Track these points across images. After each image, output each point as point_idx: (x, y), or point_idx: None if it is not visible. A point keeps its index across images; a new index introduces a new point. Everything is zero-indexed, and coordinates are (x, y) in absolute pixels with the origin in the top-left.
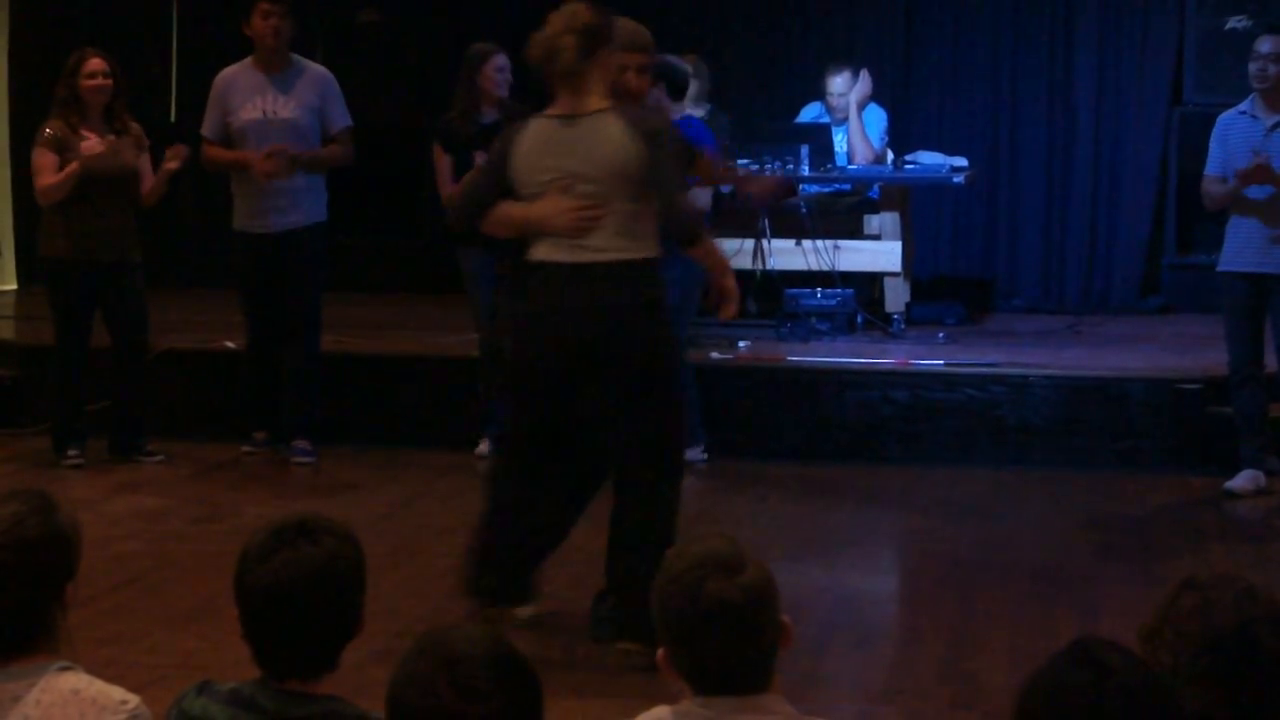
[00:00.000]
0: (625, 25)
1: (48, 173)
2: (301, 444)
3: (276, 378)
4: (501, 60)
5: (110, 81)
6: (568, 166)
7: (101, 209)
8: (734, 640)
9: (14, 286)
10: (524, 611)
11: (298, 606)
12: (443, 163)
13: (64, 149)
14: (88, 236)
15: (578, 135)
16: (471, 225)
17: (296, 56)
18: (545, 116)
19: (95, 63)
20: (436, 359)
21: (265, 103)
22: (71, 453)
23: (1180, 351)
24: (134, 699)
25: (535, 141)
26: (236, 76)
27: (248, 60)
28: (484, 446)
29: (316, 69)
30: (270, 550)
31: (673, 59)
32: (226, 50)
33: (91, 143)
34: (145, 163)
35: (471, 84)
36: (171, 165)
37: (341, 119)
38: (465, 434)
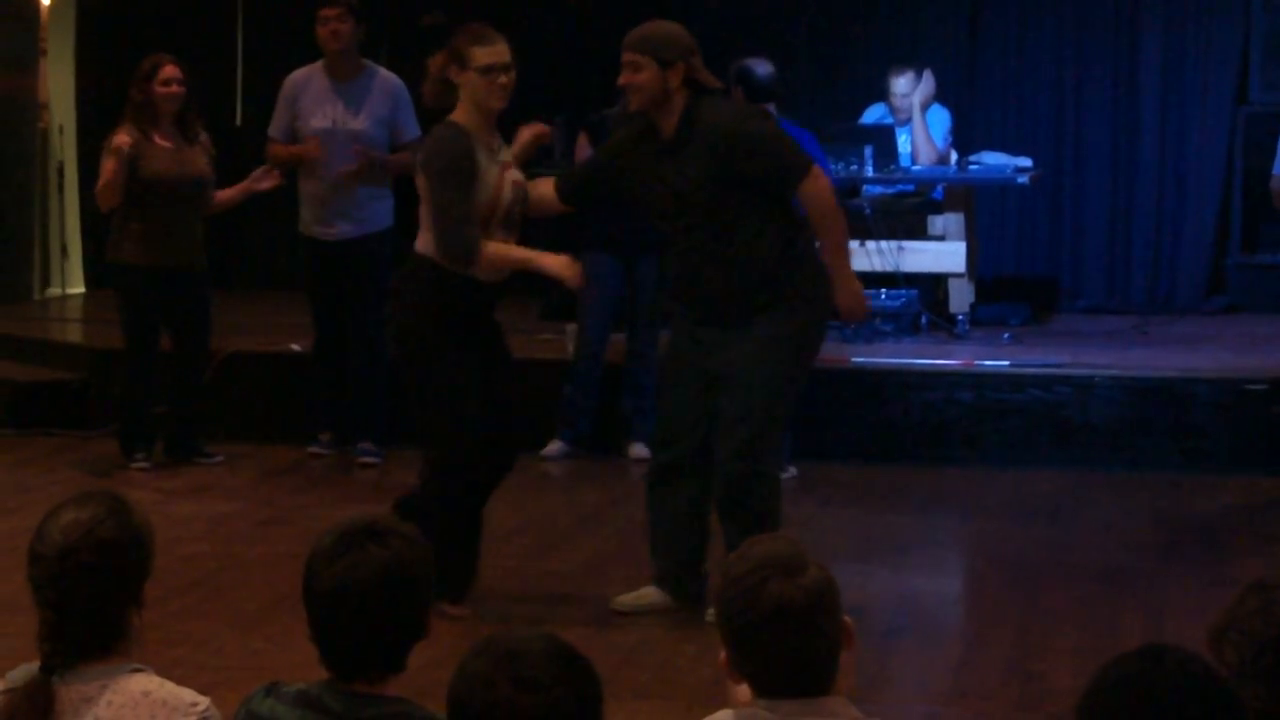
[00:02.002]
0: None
1: (103, 178)
2: (366, 445)
3: (342, 380)
4: None
5: (183, 89)
6: None
7: (172, 216)
8: (796, 642)
9: (81, 290)
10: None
11: (365, 608)
12: (582, 154)
13: (136, 155)
14: (158, 243)
15: None
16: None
17: (369, 63)
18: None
19: (170, 69)
20: None
21: (335, 112)
22: (139, 456)
23: (1247, 351)
24: (204, 700)
25: None
26: (308, 81)
27: (319, 64)
28: (553, 448)
29: (388, 78)
30: (338, 552)
31: (754, 62)
32: (291, 53)
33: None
34: (210, 170)
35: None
36: (262, 186)
37: (411, 130)
38: (531, 436)
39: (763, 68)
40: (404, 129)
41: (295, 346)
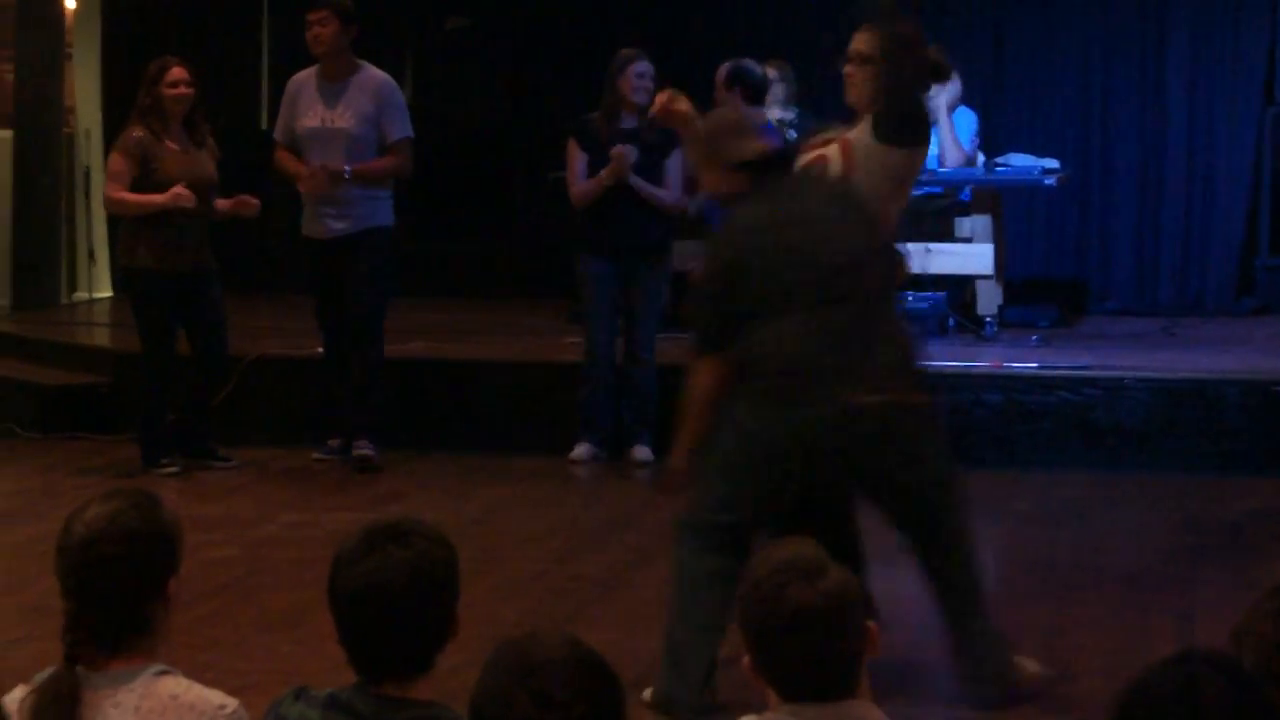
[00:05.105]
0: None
1: (119, 182)
2: (362, 443)
3: (347, 382)
4: (642, 66)
5: (191, 91)
6: None
7: (181, 220)
8: (817, 646)
9: (108, 294)
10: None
11: (390, 609)
12: (575, 159)
13: (149, 157)
14: (168, 246)
15: None
16: None
17: (362, 63)
18: None
19: (177, 71)
20: (529, 364)
21: (323, 111)
22: (165, 461)
23: (1276, 353)
24: (232, 702)
25: None
26: (304, 82)
27: (316, 66)
28: (580, 451)
29: (377, 77)
30: (362, 553)
31: (748, 63)
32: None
33: (182, 192)
34: (216, 174)
35: (614, 88)
36: (245, 213)
37: (399, 130)
38: (558, 439)
39: (756, 67)
40: (390, 128)
41: (322, 349)
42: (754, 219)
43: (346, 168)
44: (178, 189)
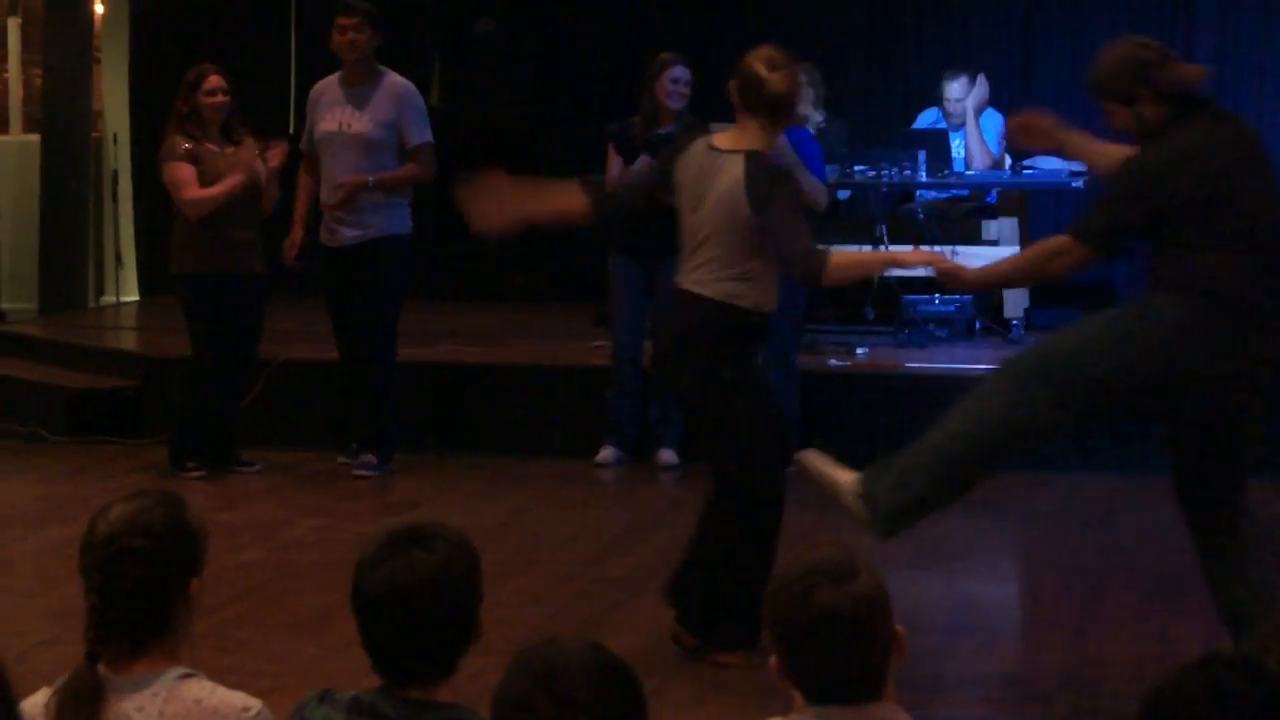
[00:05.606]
0: None
1: (193, 185)
2: (366, 457)
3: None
4: (677, 72)
5: (229, 98)
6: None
7: (236, 222)
8: (845, 649)
9: (135, 298)
10: None
11: (412, 612)
12: (613, 164)
13: (199, 162)
14: (225, 250)
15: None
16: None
17: (384, 69)
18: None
19: (215, 79)
20: (554, 367)
21: (342, 115)
22: (190, 464)
23: None
24: (256, 704)
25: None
26: (325, 89)
27: (338, 73)
28: (606, 454)
29: (398, 82)
30: (384, 557)
31: None
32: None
33: (239, 155)
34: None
35: (650, 93)
36: (273, 164)
37: (419, 135)
38: (584, 443)
39: None
40: (411, 133)
41: None
42: (1203, 149)
43: (370, 178)
44: (242, 168)
